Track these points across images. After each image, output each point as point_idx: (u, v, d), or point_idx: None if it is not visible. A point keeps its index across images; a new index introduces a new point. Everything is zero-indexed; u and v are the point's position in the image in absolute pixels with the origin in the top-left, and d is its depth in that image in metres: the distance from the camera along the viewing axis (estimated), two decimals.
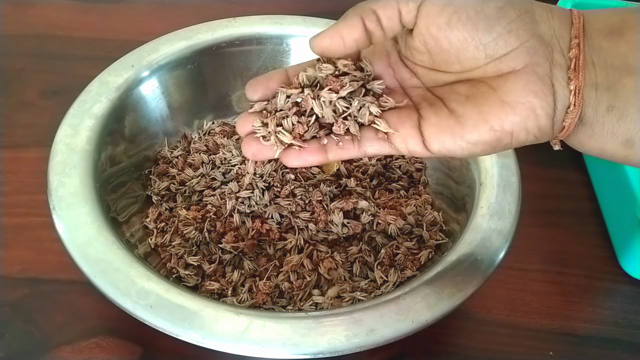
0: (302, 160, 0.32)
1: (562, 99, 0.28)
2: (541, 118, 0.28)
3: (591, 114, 0.28)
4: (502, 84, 0.28)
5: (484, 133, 0.29)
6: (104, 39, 0.66)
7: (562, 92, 0.28)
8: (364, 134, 0.31)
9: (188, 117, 0.53)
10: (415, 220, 0.46)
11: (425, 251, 0.44)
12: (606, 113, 0.28)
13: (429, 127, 0.30)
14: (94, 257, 0.37)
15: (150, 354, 0.41)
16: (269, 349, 0.33)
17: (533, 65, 0.28)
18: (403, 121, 0.31)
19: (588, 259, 0.49)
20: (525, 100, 0.28)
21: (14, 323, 0.42)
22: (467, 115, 0.29)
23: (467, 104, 0.29)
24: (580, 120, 0.28)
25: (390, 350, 0.42)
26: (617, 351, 0.43)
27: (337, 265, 0.43)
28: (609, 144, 0.28)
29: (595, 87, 0.28)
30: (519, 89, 0.28)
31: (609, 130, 0.28)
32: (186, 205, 0.47)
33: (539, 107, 0.28)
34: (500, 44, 0.28)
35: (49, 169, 0.41)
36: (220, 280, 0.43)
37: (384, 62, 0.33)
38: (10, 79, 0.61)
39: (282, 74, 0.33)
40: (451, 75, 0.31)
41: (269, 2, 0.73)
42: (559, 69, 0.28)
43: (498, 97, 0.28)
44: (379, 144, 0.31)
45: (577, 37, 0.28)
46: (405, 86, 0.33)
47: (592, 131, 0.28)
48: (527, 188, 0.44)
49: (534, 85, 0.28)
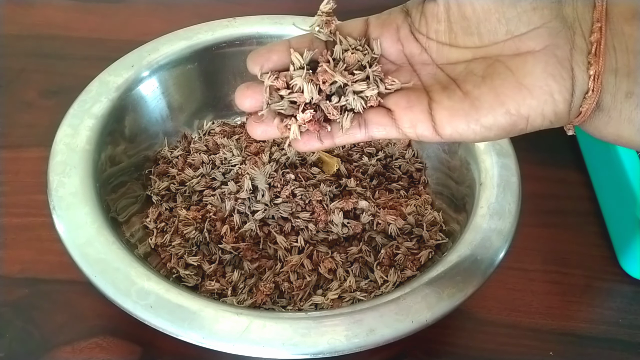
0: (310, 145, 0.31)
1: (580, 84, 0.27)
2: (559, 103, 0.27)
3: (609, 100, 0.27)
4: (521, 66, 0.28)
5: (499, 117, 0.28)
6: (104, 39, 0.66)
7: (581, 77, 0.27)
8: (369, 117, 0.30)
9: (188, 117, 0.53)
10: (415, 220, 0.46)
11: (425, 251, 0.44)
12: (624, 100, 0.27)
13: (441, 111, 0.29)
14: (93, 257, 0.37)
15: (150, 354, 0.41)
16: (269, 349, 0.33)
17: (553, 47, 0.27)
18: (412, 105, 0.30)
19: (588, 259, 0.49)
20: (543, 83, 0.27)
21: (14, 323, 0.42)
22: (483, 97, 0.28)
23: (482, 86, 0.28)
24: (598, 106, 0.28)
25: (390, 350, 0.42)
26: (617, 351, 0.43)
27: (337, 265, 0.43)
28: (625, 130, 0.28)
29: (615, 72, 0.27)
30: (538, 71, 0.27)
31: (627, 117, 0.27)
32: (186, 205, 0.47)
33: (557, 91, 0.27)
34: (524, 20, 0.27)
35: (49, 169, 0.41)
36: (220, 281, 0.43)
37: (393, 36, 0.31)
38: (10, 79, 0.61)
39: (284, 46, 0.31)
40: (466, 52, 0.30)
41: (269, 2, 0.73)
42: (580, 53, 0.27)
43: (516, 80, 0.27)
44: (385, 128, 0.30)
45: (600, 21, 0.27)
46: (414, 62, 0.32)
47: (609, 117, 0.28)
48: (527, 188, 0.44)
49: (553, 68, 0.27)
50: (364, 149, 0.52)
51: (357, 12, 0.35)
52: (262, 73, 0.31)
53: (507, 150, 0.45)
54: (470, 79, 0.29)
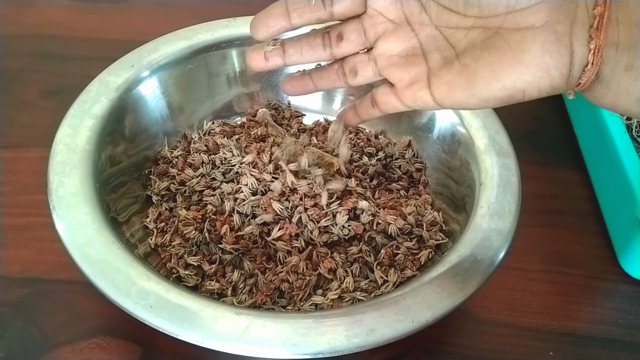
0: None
1: (579, 58, 0.27)
2: (555, 78, 0.28)
3: (608, 73, 0.28)
4: (519, 42, 0.28)
5: (496, 91, 0.29)
6: (104, 39, 0.66)
7: (580, 51, 0.27)
8: (378, 97, 0.34)
9: (188, 117, 0.53)
10: (415, 220, 0.46)
11: (425, 251, 0.44)
12: (624, 72, 0.27)
13: (440, 87, 0.30)
14: (94, 257, 0.37)
15: (150, 354, 0.41)
16: (269, 349, 0.33)
17: (553, 22, 0.27)
18: (413, 82, 0.31)
19: (588, 259, 0.49)
20: (540, 60, 0.27)
21: (14, 323, 0.42)
22: (480, 72, 0.29)
23: (480, 59, 0.29)
24: (597, 78, 0.28)
25: (390, 350, 0.42)
26: (617, 351, 0.43)
27: (337, 265, 0.43)
28: (623, 101, 0.28)
29: (616, 46, 0.27)
30: (536, 49, 0.27)
31: (625, 89, 0.28)
32: (186, 205, 0.47)
33: (553, 67, 0.28)
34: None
35: (49, 169, 0.41)
36: (220, 281, 0.43)
37: None
38: (10, 79, 0.61)
39: (282, 8, 0.33)
40: (465, 20, 0.30)
41: (269, 2, 0.73)
42: (581, 27, 0.27)
43: (513, 55, 0.28)
44: (392, 104, 0.34)
45: None
46: (412, 21, 0.31)
47: (607, 88, 0.28)
48: (527, 188, 0.44)
49: (551, 45, 0.27)
50: (364, 149, 0.52)
51: None
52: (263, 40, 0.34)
53: (507, 150, 0.45)
54: (469, 51, 0.30)
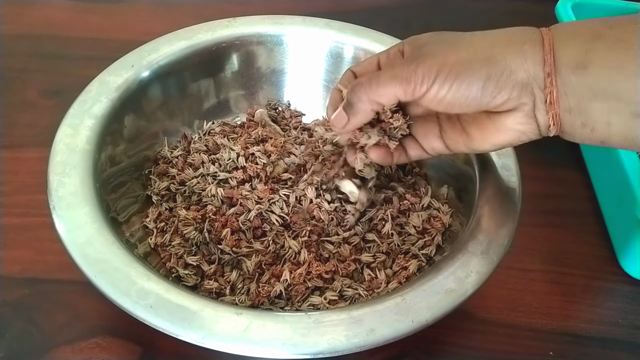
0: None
1: (543, 123, 0.35)
2: (530, 135, 0.36)
3: (569, 129, 0.35)
4: (499, 120, 0.36)
5: (487, 147, 0.38)
6: (104, 39, 0.66)
7: (542, 119, 0.35)
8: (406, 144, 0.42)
9: (188, 117, 0.53)
10: (416, 220, 0.46)
11: (425, 251, 0.44)
12: (581, 128, 0.34)
13: (447, 140, 0.40)
14: (94, 257, 0.37)
15: (150, 354, 0.41)
16: (269, 349, 0.33)
17: (521, 105, 0.35)
18: (427, 133, 0.41)
19: (588, 259, 0.49)
20: (515, 129, 0.36)
21: (14, 323, 0.42)
22: (473, 134, 0.38)
23: (472, 125, 0.38)
24: (562, 132, 0.35)
25: (390, 350, 0.42)
26: (617, 351, 0.43)
27: (336, 265, 0.43)
28: (587, 143, 0.35)
29: (569, 111, 0.34)
30: (510, 123, 0.36)
31: (586, 137, 0.35)
32: (186, 205, 0.47)
33: (527, 132, 0.36)
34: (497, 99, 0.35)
35: (49, 169, 0.41)
36: (219, 280, 0.42)
37: None
38: (10, 79, 0.61)
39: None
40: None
41: (269, 2, 0.73)
42: (540, 102, 0.34)
43: (494, 127, 0.37)
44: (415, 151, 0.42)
45: (550, 75, 0.33)
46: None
47: (572, 137, 0.35)
48: (527, 188, 0.44)
49: (521, 119, 0.35)
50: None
51: (357, 11, 0.35)
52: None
53: (507, 150, 0.45)
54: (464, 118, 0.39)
